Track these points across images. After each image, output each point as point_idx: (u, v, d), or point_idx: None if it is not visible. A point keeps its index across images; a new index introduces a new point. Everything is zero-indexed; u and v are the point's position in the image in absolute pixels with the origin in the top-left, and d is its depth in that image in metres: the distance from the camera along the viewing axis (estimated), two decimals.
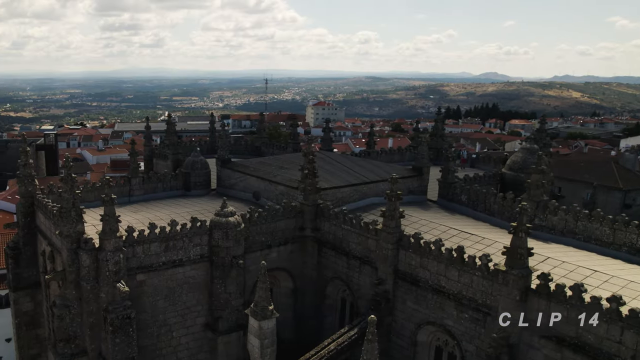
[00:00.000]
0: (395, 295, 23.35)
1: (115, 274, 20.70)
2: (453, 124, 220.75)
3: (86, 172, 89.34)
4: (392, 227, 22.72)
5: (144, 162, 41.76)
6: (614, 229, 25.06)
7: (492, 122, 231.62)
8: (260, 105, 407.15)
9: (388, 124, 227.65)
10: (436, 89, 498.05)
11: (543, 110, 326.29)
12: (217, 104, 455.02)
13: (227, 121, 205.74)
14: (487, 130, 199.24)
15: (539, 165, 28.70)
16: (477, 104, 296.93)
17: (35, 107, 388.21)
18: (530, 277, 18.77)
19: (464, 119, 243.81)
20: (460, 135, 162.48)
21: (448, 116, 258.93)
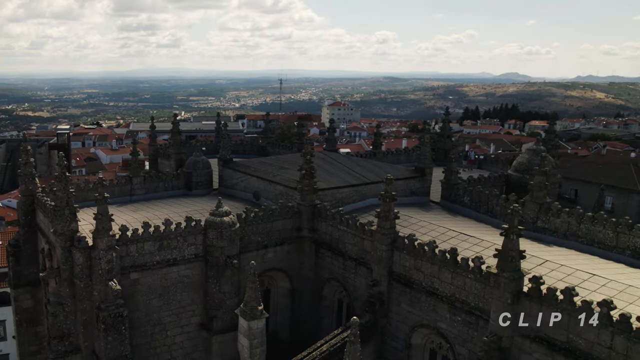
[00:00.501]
0: (390, 297, 23.35)
1: (108, 273, 21.07)
2: (471, 125, 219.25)
3: (98, 171, 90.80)
4: (386, 228, 22.74)
5: (148, 162, 42.33)
6: (617, 232, 24.78)
7: (511, 123, 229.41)
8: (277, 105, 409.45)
9: (405, 125, 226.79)
10: (455, 89, 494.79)
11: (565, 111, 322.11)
12: (234, 104, 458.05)
13: (243, 121, 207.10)
14: (506, 132, 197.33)
15: (542, 166, 28.47)
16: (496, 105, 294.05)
17: (53, 106, 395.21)
18: (522, 280, 18.64)
19: (483, 120, 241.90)
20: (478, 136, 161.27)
21: (466, 117, 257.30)
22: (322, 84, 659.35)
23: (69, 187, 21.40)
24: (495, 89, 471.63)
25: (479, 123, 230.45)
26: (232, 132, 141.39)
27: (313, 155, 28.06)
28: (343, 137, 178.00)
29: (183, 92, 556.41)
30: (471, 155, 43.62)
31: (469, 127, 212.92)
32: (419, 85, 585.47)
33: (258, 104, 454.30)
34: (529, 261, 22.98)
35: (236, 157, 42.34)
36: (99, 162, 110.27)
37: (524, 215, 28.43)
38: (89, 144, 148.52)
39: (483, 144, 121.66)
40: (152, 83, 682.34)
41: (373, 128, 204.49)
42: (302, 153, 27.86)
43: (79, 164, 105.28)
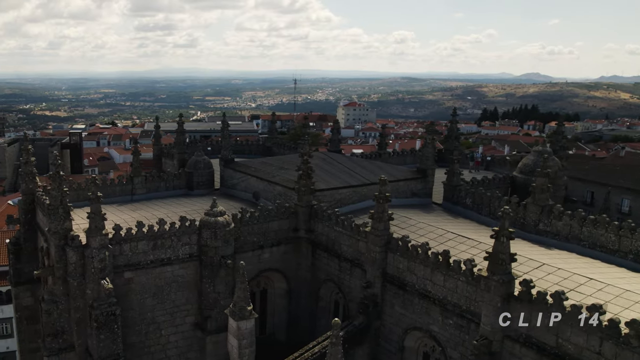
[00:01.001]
0: (383, 299, 23.36)
1: (101, 271, 21.44)
2: (490, 126, 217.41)
3: (110, 171, 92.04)
4: (380, 229, 22.76)
5: (153, 161, 42.88)
6: (620, 236, 24.54)
7: (530, 124, 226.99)
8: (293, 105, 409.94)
9: (422, 125, 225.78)
10: (474, 89, 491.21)
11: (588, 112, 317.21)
12: (250, 104, 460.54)
13: (257, 121, 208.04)
14: (524, 133, 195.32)
15: (544, 168, 28.27)
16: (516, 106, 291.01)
17: (70, 106, 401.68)
18: (513, 283, 18.50)
19: (501, 121, 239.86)
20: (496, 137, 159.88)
21: (485, 118, 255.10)
22: (339, 84, 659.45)
23: (62, 186, 21.83)
24: (516, 90, 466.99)
25: (498, 124, 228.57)
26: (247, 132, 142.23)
27: (311, 156, 28.19)
28: (358, 138, 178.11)
29: (199, 92, 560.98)
30: (477, 157, 43.30)
31: (487, 128, 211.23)
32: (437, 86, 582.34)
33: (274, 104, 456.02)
34: (525, 264, 22.88)
35: (242, 157, 42.80)
36: (112, 162, 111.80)
37: (525, 218, 28.31)
38: (103, 144, 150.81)
39: (498, 145, 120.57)
40: (168, 83, 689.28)
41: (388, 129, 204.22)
42: (300, 154, 28.01)
43: (91, 163, 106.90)
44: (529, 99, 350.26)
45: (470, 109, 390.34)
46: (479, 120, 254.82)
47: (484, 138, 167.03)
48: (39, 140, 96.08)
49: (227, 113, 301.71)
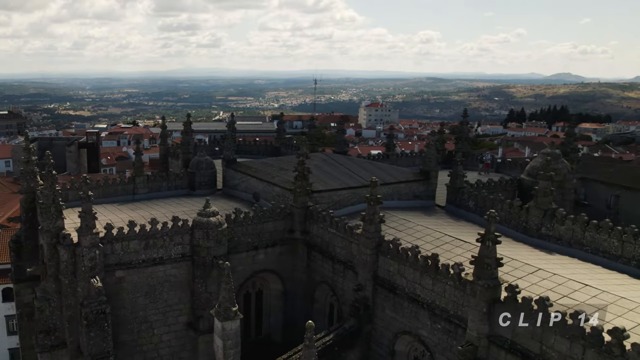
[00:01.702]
0: (375, 303, 23.37)
1: (91, 270, 21.94)
2: (516, 127, 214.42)
3: (126, 170, 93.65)
4: (371, 231, 22.79)
5: (159, 161, 43.59)
6: (623, 241, 24.14)
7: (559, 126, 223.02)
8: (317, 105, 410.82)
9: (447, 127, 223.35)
10: (501, 90, 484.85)
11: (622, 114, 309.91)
12: (273, 104, 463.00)
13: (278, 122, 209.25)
14: (552, 135, 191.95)
15: (547, 171, 27.94)
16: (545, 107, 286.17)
17: (94, 105, 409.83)
18: (499, 288, 18.35)
19: (529, 122, 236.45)
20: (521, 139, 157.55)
21: (511, 119, 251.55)
22: (363, 85, 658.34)
23: (55, 185, 22.42)
24: (545, 90, 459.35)
25: (524, 125, 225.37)
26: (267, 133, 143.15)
27: (308, 157, 28.36)
28: (379, 139, 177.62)
29: (222, 92, 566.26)
30: (487, 159, 42.89)
31: (513, 130, 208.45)
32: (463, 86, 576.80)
33: (297, 105, 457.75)
34: (520, 269, 22.70)
35: (250, 157, 43.22)
36: (130, 161, 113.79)
37: (528, 222, 28.04)
38: (123, 143, 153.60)
39: (521, 147, 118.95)
40: (191, 83, 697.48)
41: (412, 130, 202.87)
42: (297, 154, 28.21)
43: (109, 162, 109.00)
44: (559, 100, 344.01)
45: (497, 110, 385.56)
46: (505, 121, 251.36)
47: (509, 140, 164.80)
48: (58, 139, 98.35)
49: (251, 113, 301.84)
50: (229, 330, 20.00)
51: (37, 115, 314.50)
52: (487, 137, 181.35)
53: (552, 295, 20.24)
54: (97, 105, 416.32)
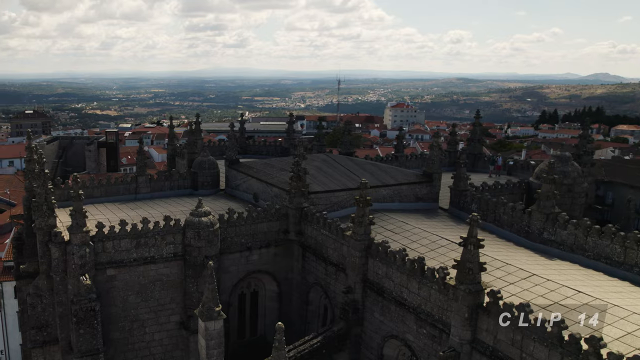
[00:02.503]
0: (364, 306, 23.39)
1: (81, 267, 22.52)
2: (548, 129, 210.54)
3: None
4: (360, 234, 22.81)
5: (167, 161, 44.33)
6: (625, 247, 23.65)
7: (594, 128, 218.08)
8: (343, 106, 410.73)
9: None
10: (534, 91, 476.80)
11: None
12: (299, 105, 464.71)
13: (302, 122, 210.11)
14: None
15: (550, 174, 27.53)
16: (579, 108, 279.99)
17: (120, 105, 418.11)
18: (482, 293, 18.20)
19: (562, 124, 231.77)
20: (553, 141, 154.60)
21: (543, 120, 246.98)
22: (391, 85, 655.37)
23: (47, 185, 23.09)
24: (581, 91, 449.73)
25: (557, 127, 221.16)
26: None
27: (305, 158, 28.55)
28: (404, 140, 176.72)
29: (248, 92, 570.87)
30: (498, 161, 42.35)
31: (545, 132, 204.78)
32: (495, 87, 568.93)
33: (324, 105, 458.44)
34: (514, 274, 22.43)
35: (259, 157, 43.60)
36: (151, 160, 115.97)
37: (530, 226, 27.66)
38: (147, 142, 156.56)
39: (547, 149, 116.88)
40: (217, 83, 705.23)
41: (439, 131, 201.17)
42: (293, 155, 28.40)
43: (130, 161, 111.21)
44: (595, 101, 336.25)
45: (530, 112, 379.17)
46: (536, 123, 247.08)
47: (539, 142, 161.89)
48: (78, 139, 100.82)
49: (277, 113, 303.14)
50: (211, 330, 20.28)
51: (64, 115, 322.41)
52: (517, 139, 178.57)
53: (543, 301, 20.02)
54: (123, 105, 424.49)
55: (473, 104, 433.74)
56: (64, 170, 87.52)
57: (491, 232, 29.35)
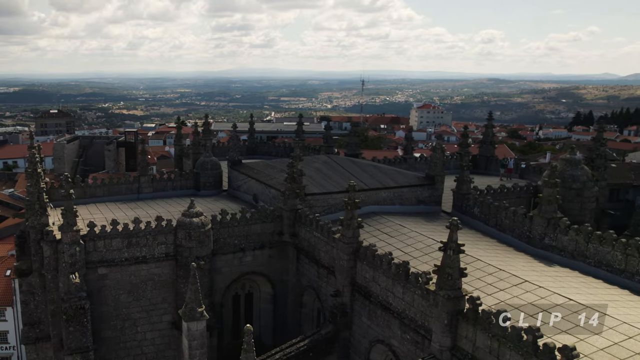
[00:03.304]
0: (353, 309, 23.43)
1: (71, 266, 23.13)
2: (582, 131, 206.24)
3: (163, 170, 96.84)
4: (348, 236, 22.85)
5: (174, 161, 45.07)
6: (627, 255, 23.17)
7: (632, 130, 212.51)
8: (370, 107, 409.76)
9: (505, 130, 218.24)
10: (570, 91, 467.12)
11: None
12: (326, 105, 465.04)
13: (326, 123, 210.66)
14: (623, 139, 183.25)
15: (552, 178, 27.10)
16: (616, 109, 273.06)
17: (147, 105, 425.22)
18: (462, 300, 18.05)
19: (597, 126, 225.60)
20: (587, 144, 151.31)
21: (577, 122, 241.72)
22: (420, 86, 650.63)
23: (39, 184, 23.78)
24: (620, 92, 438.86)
25: (592, 129, 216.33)
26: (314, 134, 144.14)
27: (301, 159, 28.76)
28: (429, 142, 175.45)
29: (275, 92, 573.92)
30: (509, 164, 41.78)
31: (579, 134, 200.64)
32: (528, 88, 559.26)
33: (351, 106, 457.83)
34: (505, 280, 22.20)
35: (268, 158, 43.95)
36: (170, 160, 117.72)
37: (531, 231, 27.31)
38: (169, 142, 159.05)
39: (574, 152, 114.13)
40: (244, 83, 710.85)
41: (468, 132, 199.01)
42: (290, 156, 28.62)
43: (150, 161, 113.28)
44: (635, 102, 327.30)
45: (564, 113, 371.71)
46: (570, 124, 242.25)
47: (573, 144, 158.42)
48: (98, 138, 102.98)
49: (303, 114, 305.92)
50: (194, 330, 20.58)
51: (91, 114, 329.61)
52: (549, 141, 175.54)
53: (531, 309, 19.77)
54: (150, 104, 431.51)
55: (504, 105, 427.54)
56: (83, 170, 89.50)
57: (492, 237, 29.11)
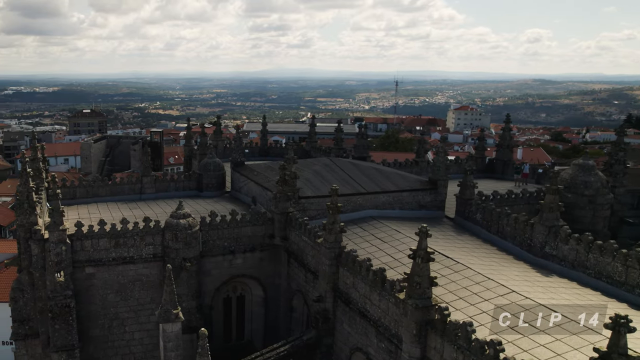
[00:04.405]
0: (335, 316, 23.32)
1: (57, 265, 23.80)
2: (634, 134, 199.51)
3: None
4: (330, 241, 22.77)
5: (184, 162, 45.80)
6: (627, 266, 22.40)
7: None
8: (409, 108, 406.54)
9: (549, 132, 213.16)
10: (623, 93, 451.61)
11: None
12: (363, 106, 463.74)
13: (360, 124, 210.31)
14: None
15: (554, 184, 26.38)
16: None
17: (183, 105, 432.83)
18: (431, 309, 17.72)
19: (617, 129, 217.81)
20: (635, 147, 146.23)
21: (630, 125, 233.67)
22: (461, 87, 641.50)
23: (29, 183, 24.56)
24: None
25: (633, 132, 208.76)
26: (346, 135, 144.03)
27: (295, 162, 28.84)
28: (465, 144, 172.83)
29: (311, 93, 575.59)
30: (525, 169, 40.81)
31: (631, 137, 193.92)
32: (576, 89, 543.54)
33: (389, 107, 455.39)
34: (492, 290, 21.74)
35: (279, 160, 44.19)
36: None
37: (532, 239, 26.68)
38: None
39: None
40: (280, 83, 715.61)
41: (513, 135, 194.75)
42: (285, 159, 28.74)
43: (177, 161, 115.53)
44: None
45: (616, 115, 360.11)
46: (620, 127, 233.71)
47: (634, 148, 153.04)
48: (125, 138, 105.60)
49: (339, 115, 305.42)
50: (169, 332, 20.88)
51: (127, 114, 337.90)
52: (596, 145, 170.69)
53: (513, 320, 19.32)
54: (185, 105, 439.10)
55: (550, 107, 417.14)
56: (109, 169, 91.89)
57: (493, 244, 28.55)
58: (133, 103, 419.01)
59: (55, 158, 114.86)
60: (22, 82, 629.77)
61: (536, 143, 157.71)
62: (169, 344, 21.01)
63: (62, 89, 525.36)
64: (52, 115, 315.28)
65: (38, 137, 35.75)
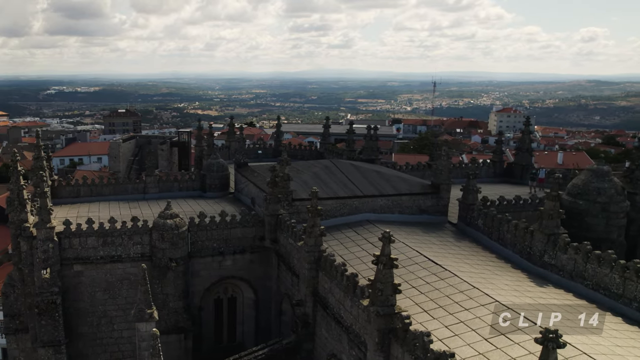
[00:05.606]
0: (315, 320, 23.29)
1: (44, 262, 24.62)
2: None
3: None
4: (310, 245, 22.76)
5: (194, 163, 46.56)
6: (625, 278, 21.68)
7: None
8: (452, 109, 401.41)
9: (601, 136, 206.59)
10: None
11: None
12: (405, 108, 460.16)
13: (398, 126, 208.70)
14: None
15: (554, 190, 25.67)
16: None
17: (222, 105, 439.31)
18: (394, 317, 17.47)
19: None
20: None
21: None
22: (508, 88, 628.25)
23: (20, 181, 25.47)
24: None
25: None
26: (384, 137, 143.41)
27: (289, 164, 28.96)
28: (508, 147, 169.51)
29: (352, 94, 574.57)
30: (540, 174, 39.75)
31: None
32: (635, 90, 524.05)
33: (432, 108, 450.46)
34: (475, 299, 21.31)
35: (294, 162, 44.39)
36: None
37: (531, 247, 26.05)
38: None
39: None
40: (320, 84, 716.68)
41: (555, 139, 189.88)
42: (279, 160, 28.91)
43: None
44: None
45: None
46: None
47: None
48: (154, 137, 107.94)
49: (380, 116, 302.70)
50: (143, 331, 21.22)
51: (166, 114, 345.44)
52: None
53: (488, 331, 18.91)
54: (224, 105, 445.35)
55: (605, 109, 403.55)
56: (137, 169, 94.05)
57: (492, 252, 28.01)
58: (172, 103, 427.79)
59: (89, 157, 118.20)
60: (65, 82, 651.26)
61: (585, 147, 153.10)
62: (142, 343, 21.36)
63: (103, 89, 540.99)
64: (93, 115, 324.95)
65: (74, 136, 36.96)
